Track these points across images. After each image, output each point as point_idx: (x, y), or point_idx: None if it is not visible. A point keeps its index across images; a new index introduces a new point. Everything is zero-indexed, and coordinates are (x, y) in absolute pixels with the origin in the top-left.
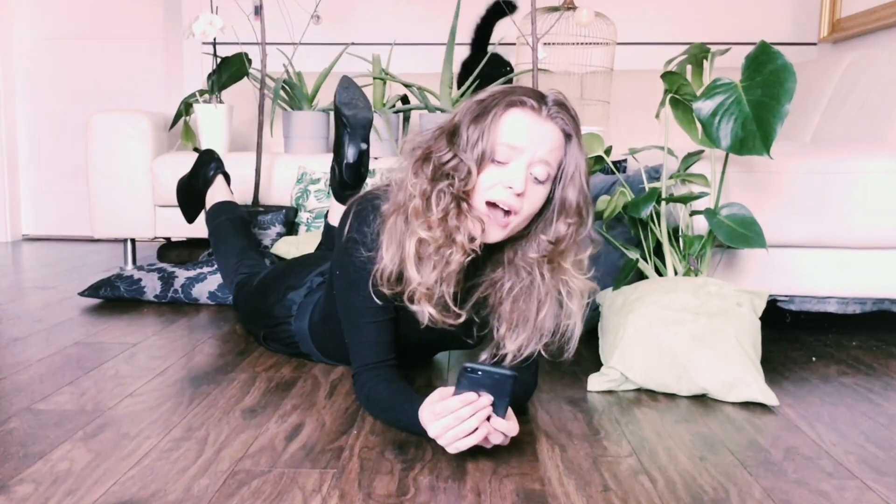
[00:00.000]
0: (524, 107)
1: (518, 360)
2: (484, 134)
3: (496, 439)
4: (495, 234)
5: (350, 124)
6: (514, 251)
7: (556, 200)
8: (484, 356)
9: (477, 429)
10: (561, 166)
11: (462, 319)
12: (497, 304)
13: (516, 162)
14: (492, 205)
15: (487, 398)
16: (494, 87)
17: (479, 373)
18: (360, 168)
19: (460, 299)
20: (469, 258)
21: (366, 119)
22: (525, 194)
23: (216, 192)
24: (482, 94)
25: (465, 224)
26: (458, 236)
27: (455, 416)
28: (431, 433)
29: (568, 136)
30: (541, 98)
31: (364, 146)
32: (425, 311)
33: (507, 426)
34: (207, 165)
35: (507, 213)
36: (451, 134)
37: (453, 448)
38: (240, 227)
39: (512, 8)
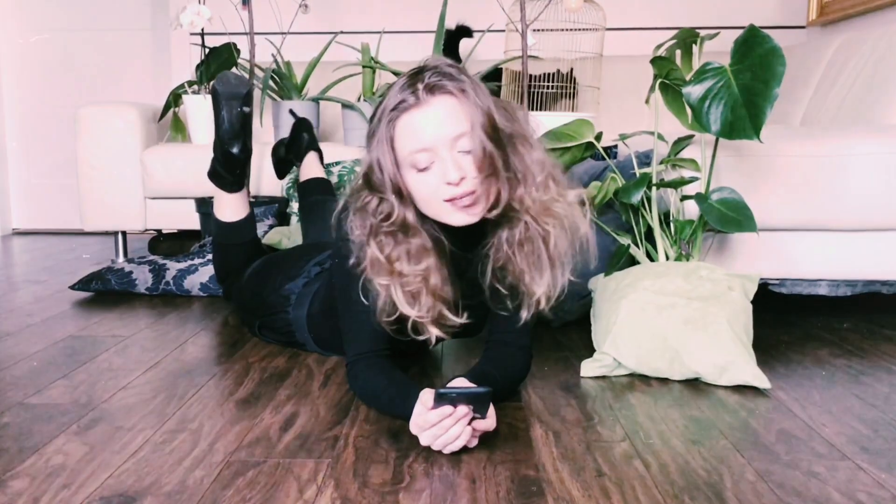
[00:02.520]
0: (405, 110)
1: (555, 300)
2: (384, 156)
3: (473, 443)
4: (470, 218)
5: (220, 94)
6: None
7: (494, 146)
8: (525, 314)
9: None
10: (474, 121)
11: (464, 320)
12: (507, 262)
13: (439, 158)
14: (448, 201)
15: (464, 408)
16: (382, 99)
17: (454, 395)
18: (245, 139)
19: (465, 292)
20: (442, 274)
21: (237, 91)
22: (465, 173)
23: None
24: (370, 124)
25: (407, 249)
26: (405, 266)
27: (439, 426)
28: (423, 443)
29: (461, 92)
30: (415, 79)
31: (245, 109)
32: (432, 335)
33: (486, 424)
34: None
35: (469, 194)
36: (367, 176)
37: (447, 450)
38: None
39: (469, 33)
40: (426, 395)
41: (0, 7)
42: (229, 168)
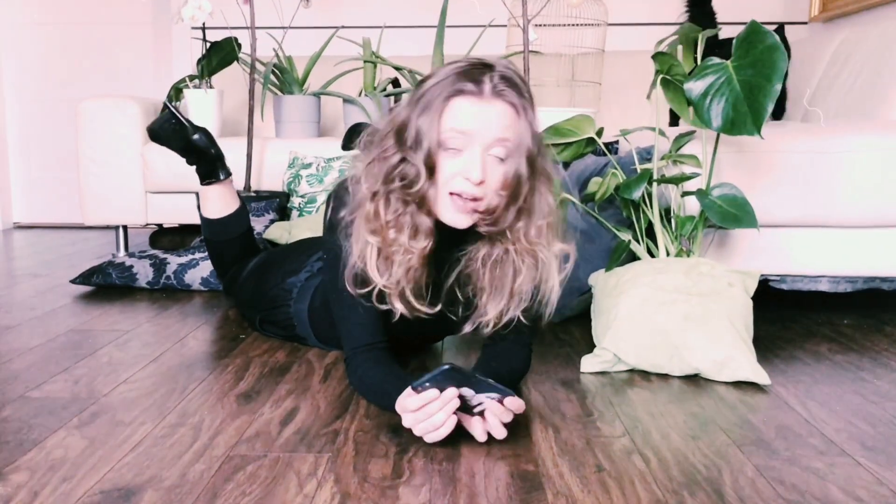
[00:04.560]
0: (465, 94)
1: (499, 327)
2: (430, 128)
3: (501, 434)
4: (463, 221)
5: (158, 134)
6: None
7: (528, 177)
8: (467, 327)
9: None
10: (521, 140)
11: (437, 310)
12: (474, 273)
13: (470, 150)
14: (455, 194)
15: (452, 391)
16: (438, 72)
17: (427, 384)
18: (187, 125)
19: (438, 283)
20: (425, 252)
21: (165, 124)
22: (486, 179)
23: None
24: (424, 84)
25: (415, 223)
26: (402, 237)
27: (423, 411)
28: (405, 424)
29: (519, 108)
30: (483, 73)
31: (172, 120)
32: (396, 308)
33: (517, 405)
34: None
35: (473, 199)
36: (399, 131)
37: (429, 438)
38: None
39: None
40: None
41: (1, 0)
42: (202, 155)
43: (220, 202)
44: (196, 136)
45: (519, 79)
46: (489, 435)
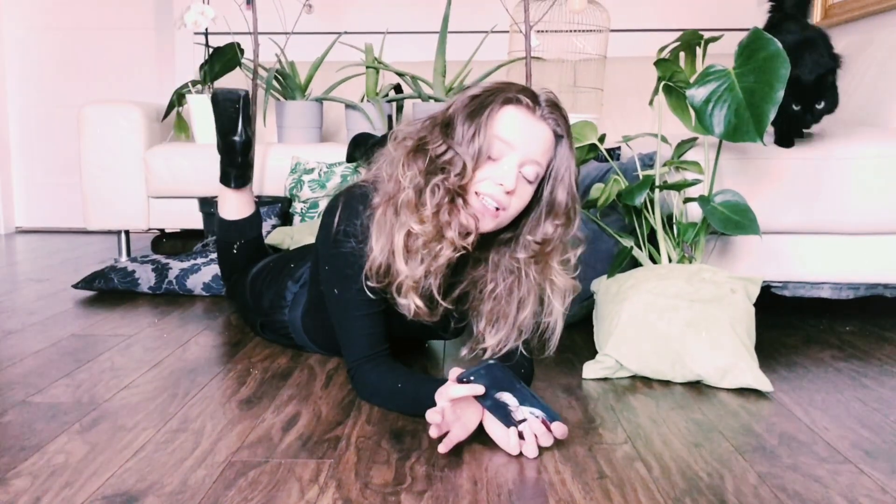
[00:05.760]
0: (520, 105)
1: (499, 356)
2: (480, 130)
3: (532, 454)
4: (487, 224)
5: (218, 95)
6: (498, 252)
7: (543, 200)
8: (464, 351)
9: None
10: (550, 167)
11: (436, 319)
12: (477, 302)
13: (508, 158)
14: (481, 195)
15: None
16: (488, 83)
17: (472, 377)
18: (244, 127)
19: (443, 294)
20: (459, 254)
21: (233, 93)
22: (515, 192)
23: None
24: (476, 90)
25: (457, 219)
26: (449, 232)
27: (456, 413)
28: (439, 412)
29: (559, 137)
30: (534, 97)
31: (237, 105)
32: (411, 304)
33: (561, 431)
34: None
35: (496, 208)
36: (445, 126)
37: (458, 434)
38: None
39: None
40: (453, 374)
41: (4, 5)
42: (231, 157)
43: (235, 203)
44: (236, 138)
45: (562, 107)
46: (490, 441)
